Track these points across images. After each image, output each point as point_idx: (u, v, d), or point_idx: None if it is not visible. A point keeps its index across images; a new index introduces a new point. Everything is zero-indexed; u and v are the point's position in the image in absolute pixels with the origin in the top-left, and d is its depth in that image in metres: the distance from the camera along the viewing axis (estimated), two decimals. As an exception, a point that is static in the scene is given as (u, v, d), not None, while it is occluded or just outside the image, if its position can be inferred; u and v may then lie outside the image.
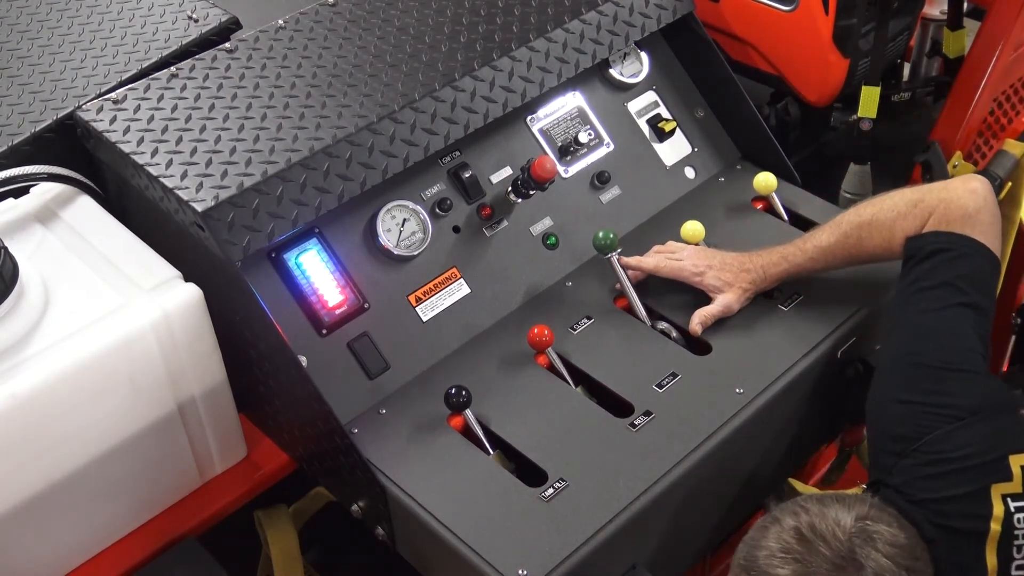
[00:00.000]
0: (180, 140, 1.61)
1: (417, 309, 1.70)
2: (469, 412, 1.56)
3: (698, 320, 1.69)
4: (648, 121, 1.98)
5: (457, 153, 1.79)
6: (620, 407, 1.60)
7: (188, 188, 1.52)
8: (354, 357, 1.63)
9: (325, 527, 1.90)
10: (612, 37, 1.88)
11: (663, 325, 1.73)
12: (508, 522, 1.45)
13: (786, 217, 1.92)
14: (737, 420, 1.57)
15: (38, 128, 1.71)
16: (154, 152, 1.59)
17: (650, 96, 2.01)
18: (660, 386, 1.62)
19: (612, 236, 1.73)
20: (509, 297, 1.77)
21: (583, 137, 1.87)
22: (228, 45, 1.81)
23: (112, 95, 1.71)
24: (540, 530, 1.43)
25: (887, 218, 1.64)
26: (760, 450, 1.70)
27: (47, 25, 1.94)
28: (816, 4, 2.16)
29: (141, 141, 1.61)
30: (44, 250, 1.59)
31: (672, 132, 1.98)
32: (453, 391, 1.55)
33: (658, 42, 2.02)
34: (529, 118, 1.87)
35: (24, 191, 1.68)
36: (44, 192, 1.68)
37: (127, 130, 1.64)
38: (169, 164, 1.57)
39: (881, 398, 1.52)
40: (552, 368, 1.66)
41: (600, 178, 1.89)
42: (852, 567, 1.29)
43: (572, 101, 1.92)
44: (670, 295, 1.76)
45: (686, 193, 1.97)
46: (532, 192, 1.78)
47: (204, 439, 1.64)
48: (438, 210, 1.74)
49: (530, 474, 1.52)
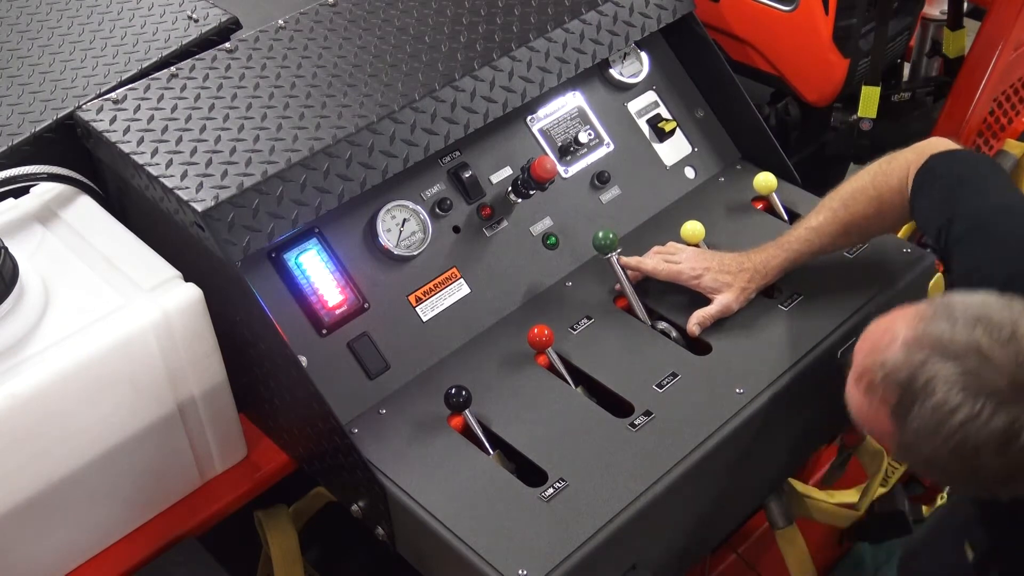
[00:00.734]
0: (180, 140, 1.61)
1: (417, 309, 1.70)
2: (469, 412, 1.56)
3: (696, 321, 1.69)
4: (648, 121, 1.98)
5: (457, 153, 1.79)
6: (620, 407, 1.60)
7: (188, 188, 1.52)
8: (354, 357, 1.63)
9: (325, 527, 1.90)
10: (612, 37, 1.88)
11: (663, 325, 1.73)
12: (508, 522, 1.45)
13: (786, 217, 1.91)
14: (737, 420, 1.57)
15: (38, 128, 1.71)
16: (154, 152, 1.59)
17: (650, 96, 2.01)
18: (660, 386, 1.62)
19: (612, 236, 1.73)
20: (509, 297, 1.77)
21: (583, 137, 1.87)
22: (228, 45, 1.81)
23: (112, 95, 1.71)
24: (540, 530, 1.43)
25: (864, 182, 1.66)
26: (760, 450, 1.70)
27: (47, 25, 1.94)
28: (816, 4, 2.17)
29: (141, 141, 1.61)
30: (44, 250, 1.59)
31: (672, 132, 1.99)
32: (453, 391, 1.55)
33: (658, 42, 2.02)
34: (529, 118, 1.87)
35: (24, 191, 1.68)
36: (44, 192, 1.68)
37: (127, 130, 1.64)
38: (169, 164, 1.57)
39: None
40: (552, 368, 1.66)
41: (600, 178, 1.89)
42: None
43: (572, 101, 1.92)
44: (670, 295, 1.76)
45: (686, 193, 1.97)
46: (532, 192, 1.78)
47: (204, 439, 1.64)
48: (438, 210, 1.74)
49: (530, 474, 1.52)
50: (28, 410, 1.40)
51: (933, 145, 1.61)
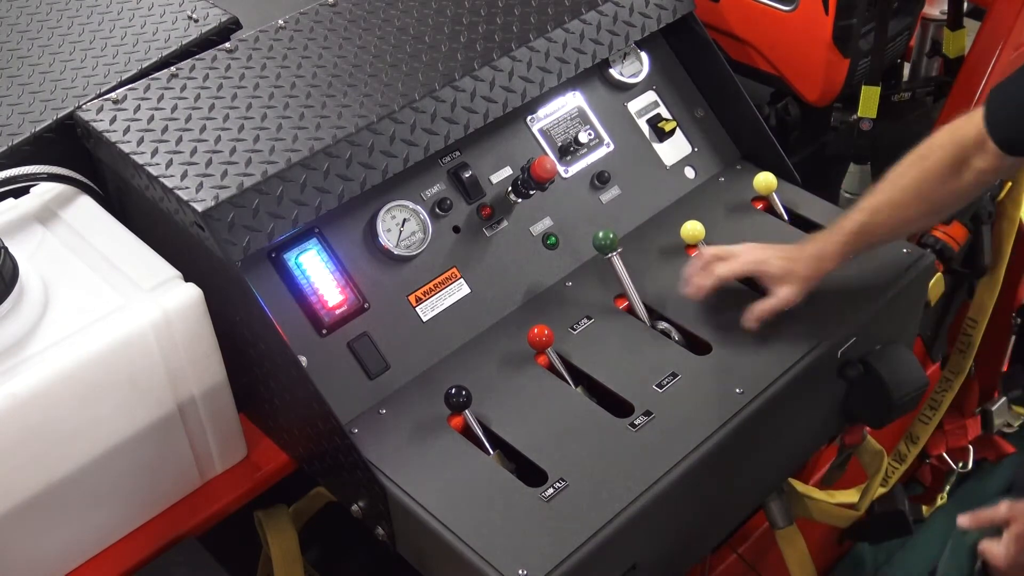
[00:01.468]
0: (180, 140, 1.61)
1: (417, 309, 1.70)
2: (469, 412, 1.56)
3: (754, 316, 1.64)
4: (648, 121, 1.98)
5: (457, 153, 1.79)
6: (620, 407, 1.60)
7: (188, 188, 1.52)
8: (354, 357, 1.63)
9: (325, 527, 1.90)
10: (612, 37, 1.88)
11: (663, 325, 1.73)
12: (508, 522, 1.45)
13: (786, 217, 1.92)
14: (737, 420, 1.57)
15: (38, 128, 1.71)
16: (154, 152, 1.59)
17: (650, 96, 2.01)
18: (660, 386, 1.62)
19: (612, 236, 1.73)
20: (509, 297, 1.77)
21: (583, 137, 1.87)
22: (228, 45, 1.81)
23: (112, 95, 1.71)
24: (540, 530, 1.43)
25: (912, 153, 1.59)
26: (760, 450, 1.70)
27: (47, 25, 1.94)
28: (816, 4, 2.16)
29: (141, 141, 1.61)
30: (44, 250, 1.59)
31: (672, 132, 1.99)
32: (453, 391, 1.55)
33: (658, 42, 2.02)
34: (529, 118, 1.87)
35: (24, 191, 1.68)
36: (44, 192, 1.68)
37: (127, 130, 1.64)
38: (169, 164, 1.57)
39: None
40: (552, 368, 1.66)
41: (600, 178, 1.89)
42: None
43: (572, 101, 1.92)
44: (670, 295, 1.76)
45: (686, 193, 1.97)
46: (532, 192, 1.78)
47: (204, 439, 1.64)
48: (438, 210, 1.74)
49: (530, 474, 1.52)
50: (28, 410, 1.40)
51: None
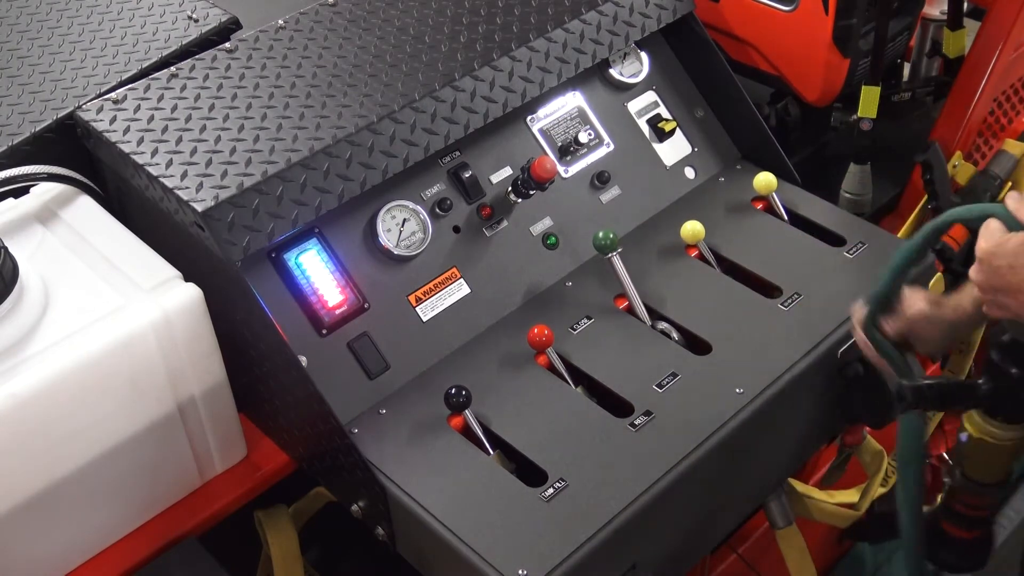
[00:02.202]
0: (180, 140, 1.61)
1: (417, 309, 1.70)
2: (469, 412, 1.56)
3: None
4: (648, 121, 1.98)
5: (457, 153, 1.79)
6: (620, 407, 1.60)
7: (188, 188, 1.52)
8: (354, 357, 1.63)
9: (325, 527, 1.90)
10: (612, 37, 1.88)
11: (663, 325, 1.73)
12: (508, 522, 1.45)
13: (786, 217, 1.92)
14: (737, 420, 1.57)
15: (38, 128, 1.71)
16: (154, 152, 1.59)
17: (650, 96, 2.01)
18: (660, 386, 1.62)
19: (612, 236, 1.73)
20: (509, 297, 1.77)
21: (583, 137, 1.87)
22: (228, 45, 1.81)
23: (112, 95, 1.71)
24: (540, 530, 1.43)
25: None
26: (760, 450, 1.70)
27: (47, 25, 1.94)
28: (816, 4, 2.16)
29: (141, 141, 1.61)
30: (44, 250, 1.59)
31: (672, 132, 1.99)
32: (453, 391, 1.55)
33: (658, 42, 2.02)
34: (529, 118, 1.87)
35: (24, 191, 1.68)
36: (44, 192, 1.68)
37: (127, 130, 1.64)
38: (169, 164, 1.57)
39: None
40: (552, 368, 1.66)
41: (600, 178, 1.89)
42: None
43: (572, 101, 1.92)
44: (670, 295, 1.77)
45: (686, 193, 1.97)
46: (532, 192, 1.78)
47: (204, 439, 1.64)
48: (438, 210, 1.74)
49: (530, 474, 1.52)
50: (28, 410, 1.40)
51: None
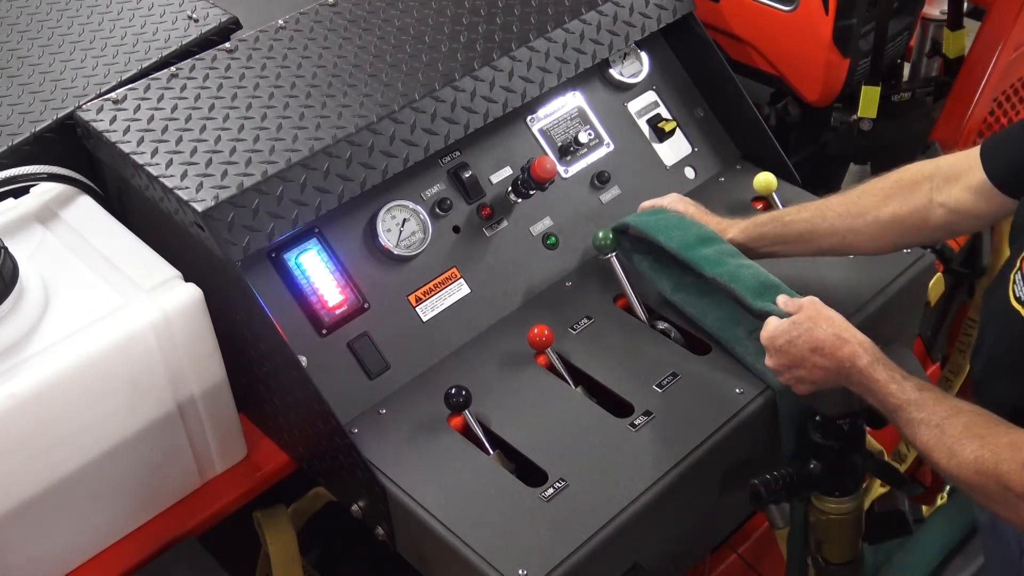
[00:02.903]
0: (180, 140, 1.61)
1: (417, 309, 1.70)
2: (469, 412, 1.56)
3: None
4: (648, 121, 1.98)
5: (457, 153, 1.79)
6: (620, 407, 1.60)
7: (188, 188, 1.52)
8: (354, 357, 1.63)
9: (325, 527, 1.90)
10: (612, 37, 1.88)
11: (663, 325, 1.73)
12: (508, 522, 1.45)
13: (786, 217, 1.91)
14: (737, 420, 1.57)
15: (38, 128, 1.71)
16: (154, 152, 1.59)
17: (650, 96, 2.01)
18: (660, 386, 1.62)
19: (612, 236, 1.73)
20: (509, 297, 1.77)
21: (583, 137, 1.87)
22: (228, 45, 1.81)
23: (112, 95, 1.71)
24: (540, 530, 1.43)
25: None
26: (760, 450, 1.70)
27: (47, 25, 1.94)
28: (816, 4, 2.16)
29: (141, 141, 1.61)
30: (44, 250, 1.59)
31: (672, 132, 1.99)
32: (453, 391, 1.55)
33: (658, 42, 2.02)
34: (529, 118, 1.87)
35: (24, 191, 1.68)
36: (44, 192, 1.68)
37: (127, 130, 1.64)
38: (169, 164, 1.57)
39: None
40: (552, 368, 1.66)
41: (600, 178, 1.89)
42: None
43: (572, 101, 1.92)
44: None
45: (686, 193, 1.97)
46: (532, 192, 1.78)
47: (204, 439, 1.64)
48: (438, 210, 1.74)
49: (530, 474, 1.52)
50: (28, 410, 1.40)
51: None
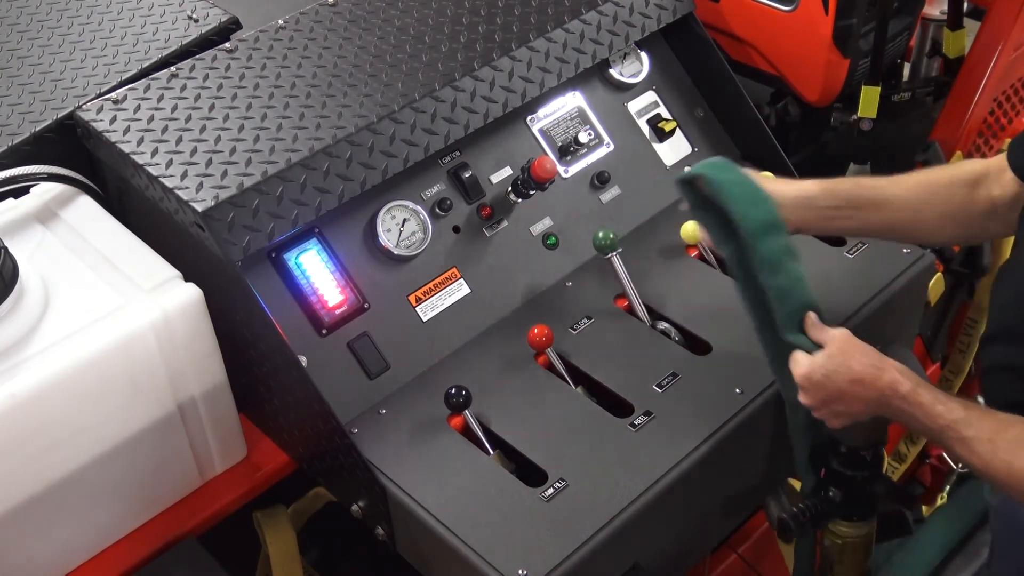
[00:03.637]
0: (180, 140, 1.61)
1: (417, 309, 1.70)
2: (469, 412, 1.56)
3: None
4: (648, 121, 1.98)
5: (457, 153, 1.79)
6: (620, 407, 1.60)
7: (188, 188, 1.52)
8: (354, 357, 1.63)
9: (325, 527, 1.90)
10: (612, 37, 1.88)
11: (663, 325, 1.73)
12: (508, 522, 1.45)
13: (786, 217, 1.91)
14: (737, 420, 1.57)
15: (38, 128, 1.71)
16: (154, 152, 1.59)
17: (650, 96, 2.01)
18: (660, 386, 1.62)
19: (612, 236, 1.73)
20: (509, 297, 1.77)
21: (583, 137, 1.87)
22: (228, 45, 1.81)
23: (112, 95, 1.71)
24: (540, 530, 1.43)
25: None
26: (760, 450, 1.70)
27: (47, 25, 1.94)
28: (816, 4, 2.16)
29: (141, 141, 1.61)
30: (44, 250, 1.59)
31: (672, 132, 1.99)
32: (453, 391, 1.55)
33: (658, 42, 2.02)
34: (529, 118, 1.87)
35: (24, 191, 1.68)
36: (44, 192, 1.68)
37: (127, 130, 1.64)
38: (169, 164, 1.57)
39: None
40: (552, 368, 1.66)
41: (600, 178, 1.89)
42: None
43: (572, 101, 1.92)
44: (670, 295, 1.76)
45: (686, 193, 1.97)
46: (532, 192, 1.78)
47: (204, 439, 1.64)
48: (438, 210, 1.74)
49: (530, 474, 1.52)
50: (28, 410, 1.40)
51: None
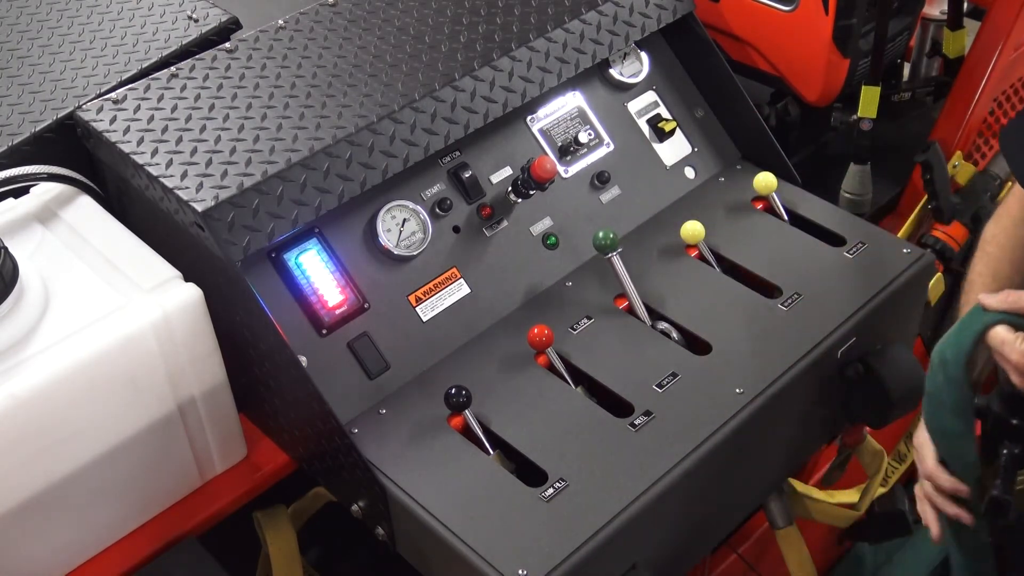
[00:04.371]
0: (180, 140, 1.61)
1: (417, 309, 1.70)
2: (469, 412, 1.56)
3: None
4: (648, 121, 1.98)
5: (457, 153, 1.79)
6: (620, 407, 1.60)
7: (188, 188, 1.52)
8: (354, 357, 1.63)
9: (325, 527, 1.90)
10: (612, 37, 1.88)
11: (663, 325, 1.73)
12: (508, 522, 1.45)
13: (786, 217, 1.92)
14: (737, 420, 1.57)
15: (38, 128, 1.71)
16: (154, 152, 1.59)
17: (650, 96, 2.01)
18: (660, 386, 1.62)
19: (612, 236, 1.73)
20: (509, 297, 1.77)
21: (583, 137, 1.87)
22: (228, 45, 1.81)
23: (112, 95, 1.71)
24: (540, 530, 1.43)
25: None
26: (760, 450, 1.70)
27: (47, 25, 1.94)
28: (816, 4, 2.17)
29: (141, 141, 1.62)
30: (44, 250, 1.59)
31: (672, 132, 1.99)
32: (453, 391, 1.55)
33: (658, 42, 2.02)
34: (529, 118, 1.87)
35: (24, 191, 1.68)
36: (44, 192, 1.68)
37: (127, 130, 1.64)
38: (169, 164, 1.57)
39: None
40: (552, 368, 1.66)
41: (600, 178, 1.89)
42: None
43: (572, 101, 1.92)
44: (670, 295, 1.77)
45: (686, 193, 1.97)
46: (532, 192, 1.78)
47: (204, 439, 1.64)
48: (438, 210, 1.74)
49: (530, 474, 1.52)
50: (28, 410, 1.40)
51: None
